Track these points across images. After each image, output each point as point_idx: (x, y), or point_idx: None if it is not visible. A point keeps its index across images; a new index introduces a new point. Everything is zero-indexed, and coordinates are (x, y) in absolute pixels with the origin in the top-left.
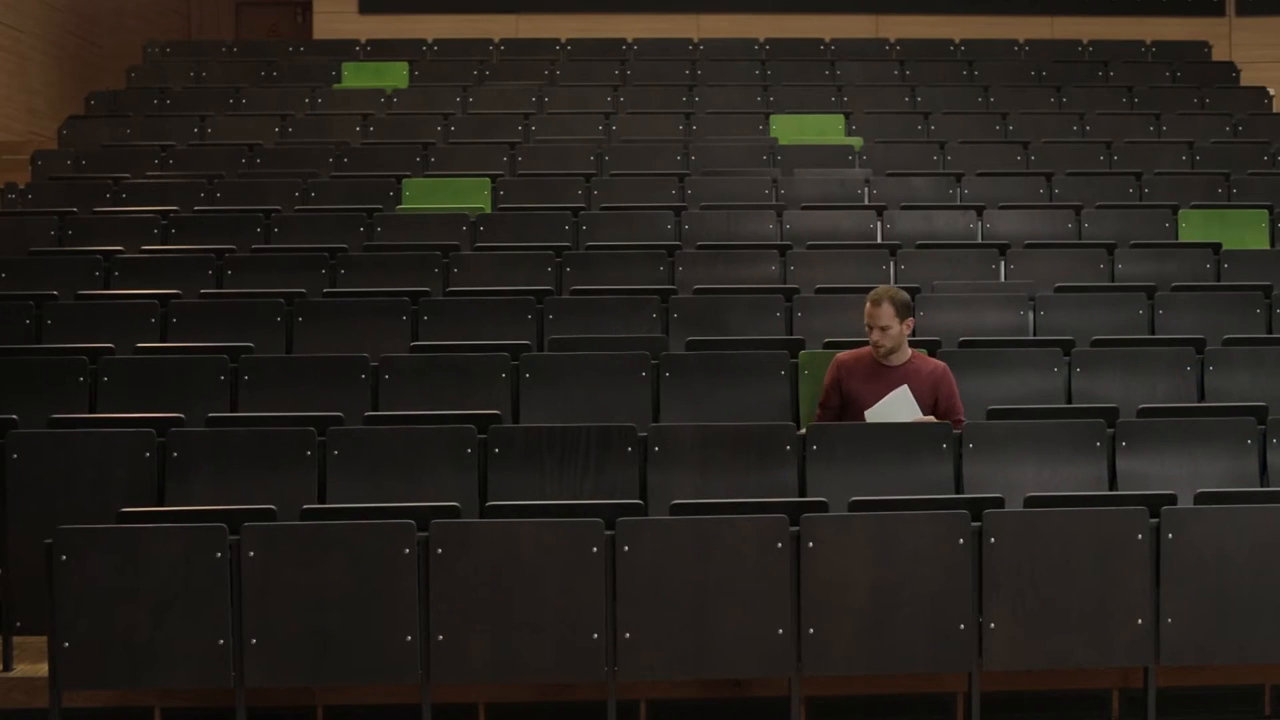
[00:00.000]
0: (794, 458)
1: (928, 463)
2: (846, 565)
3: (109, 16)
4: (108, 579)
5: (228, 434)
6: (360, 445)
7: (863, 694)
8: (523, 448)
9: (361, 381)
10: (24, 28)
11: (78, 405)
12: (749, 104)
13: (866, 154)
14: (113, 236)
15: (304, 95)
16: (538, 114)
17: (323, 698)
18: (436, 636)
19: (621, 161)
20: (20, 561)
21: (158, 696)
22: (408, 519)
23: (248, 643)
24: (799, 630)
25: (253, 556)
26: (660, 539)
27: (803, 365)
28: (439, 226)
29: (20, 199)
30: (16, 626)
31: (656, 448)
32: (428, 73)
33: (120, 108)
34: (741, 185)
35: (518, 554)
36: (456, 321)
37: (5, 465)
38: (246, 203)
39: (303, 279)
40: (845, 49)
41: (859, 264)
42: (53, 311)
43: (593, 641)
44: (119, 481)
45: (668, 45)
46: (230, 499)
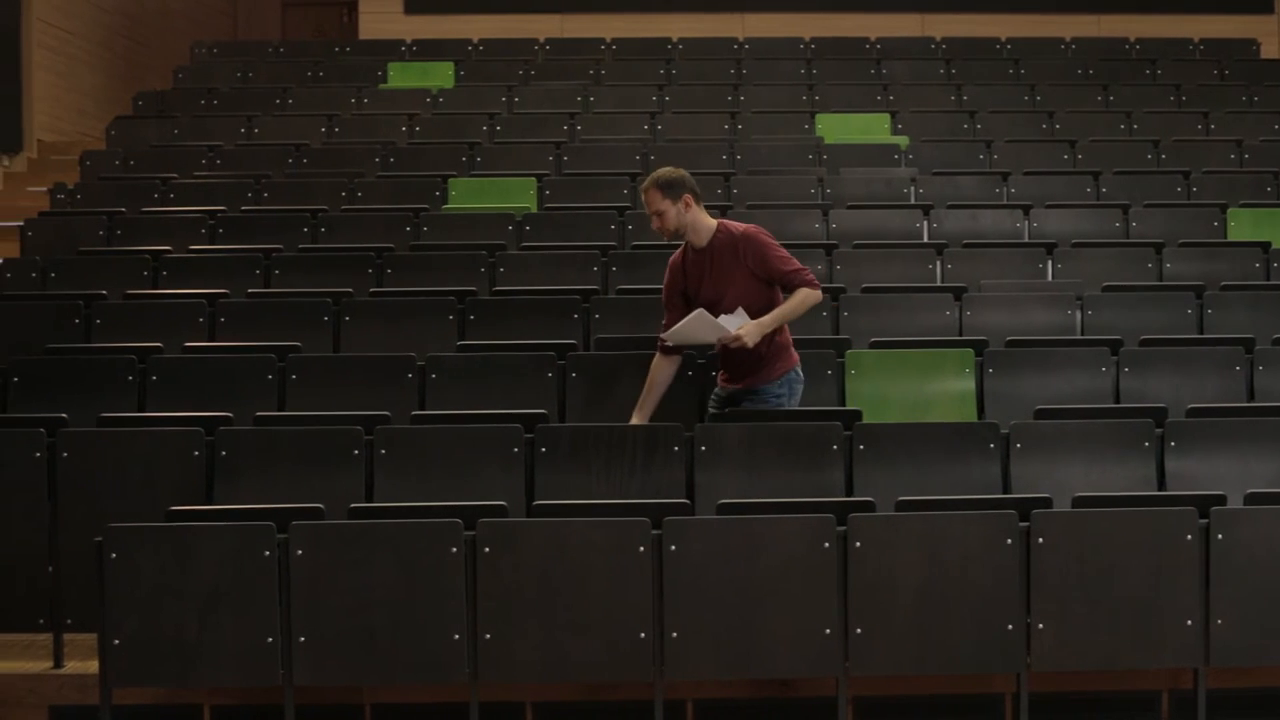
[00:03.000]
0: (841, 457)
1: (975, 462)
2: (894, 565)
3: (156, 18)
4: (157, 577)
5: (275, 433)
6: (407, 444)
7: (910, 694)
8: (569, 447)
9: (408, 381)
10: (73, 29)
11: (127, 404)
12: (794, 103)
13: (913, 153)
14: (161, 236)
15: (350, 95)
16: (583, 113)
17: (370, 696)
18: (483, 635)
19: (667, 161)
20: (70, 559)
21: (206, 694)
22: (455, 518)
23: (296, 641)
24: (846, 630)
25: (301, 555)
26: (707, 538)
27: (849, 365)
28: (485, 226)
29: (69, 199)
30: (67, 624)
31: (703, 447)
32: (473, 72)
33: (168, 108)
34: (787, 184)
35: (565, 553)
36: (503, 321)
37: (56, 464)
38: (293, 203)
39: (349, 279)
40: (891, 47)
41: (905, 263)
42: (102, 311)
43: (640, 641)
44: (168, 480)
45: (713, 44)
46: (278, 498)
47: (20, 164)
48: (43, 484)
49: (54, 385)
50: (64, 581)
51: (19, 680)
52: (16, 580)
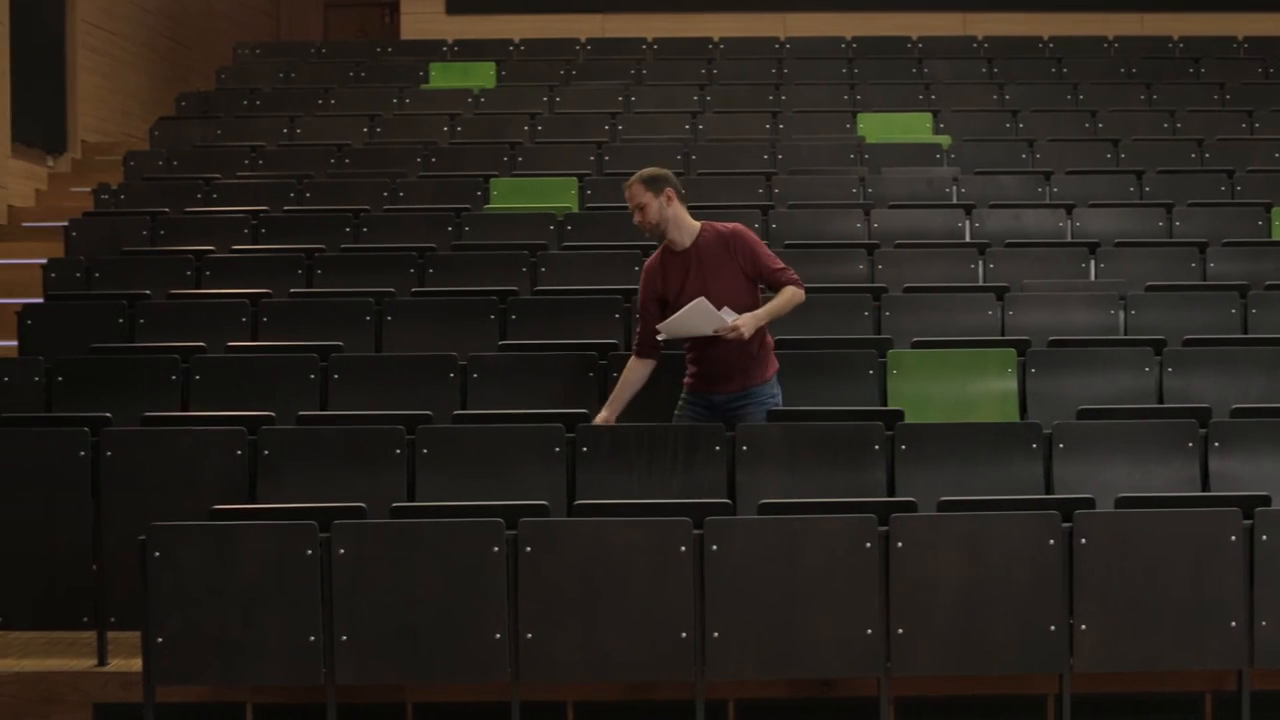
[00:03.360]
0: (883, 457)
1: (1018, 463)
2: (936, 565)
3: (199, 19)
4: (200, 575)
5: (318, 432)
6: (449, 444)
7: (952, 695)
8: (610, 447)
9: (450, 380)
10: (117, 30)
11: (170, 404)
12: (836, 102)
13: (955, 152)
14: (204, 236)
15: (392, 95)
16: (624, 113)
17: (412, 695)
18: (525, 635)
19: (708, 160)
20: (114, 558)
21: (249, 692)
22: (496, 517)
23: (338, 640)
24: (888, 630)
25: (343, 554)
26: (748, 538)
27: (891, 365)
28: (526, 226)
29: (113, 199)
30: (111, 622)
31: (744, 447)
32: (515, 72)
33: (211, 108)
34: (829, 184)
35: (606, 553)
36: (544, 321)
37: (100, 463)
38: (335, 202)
39: (391, 278)
40: (933, 47)
41: (947, 263)
42: (145, 311)
43: (681, 640)
44: (211, 479)
45: (754, 44)
46: (320, 496)
47: (65, 164)
48: (87, 483)
49: (98, 385)
50: (108, 580)
51: (63, 678)
52: (61, 578)
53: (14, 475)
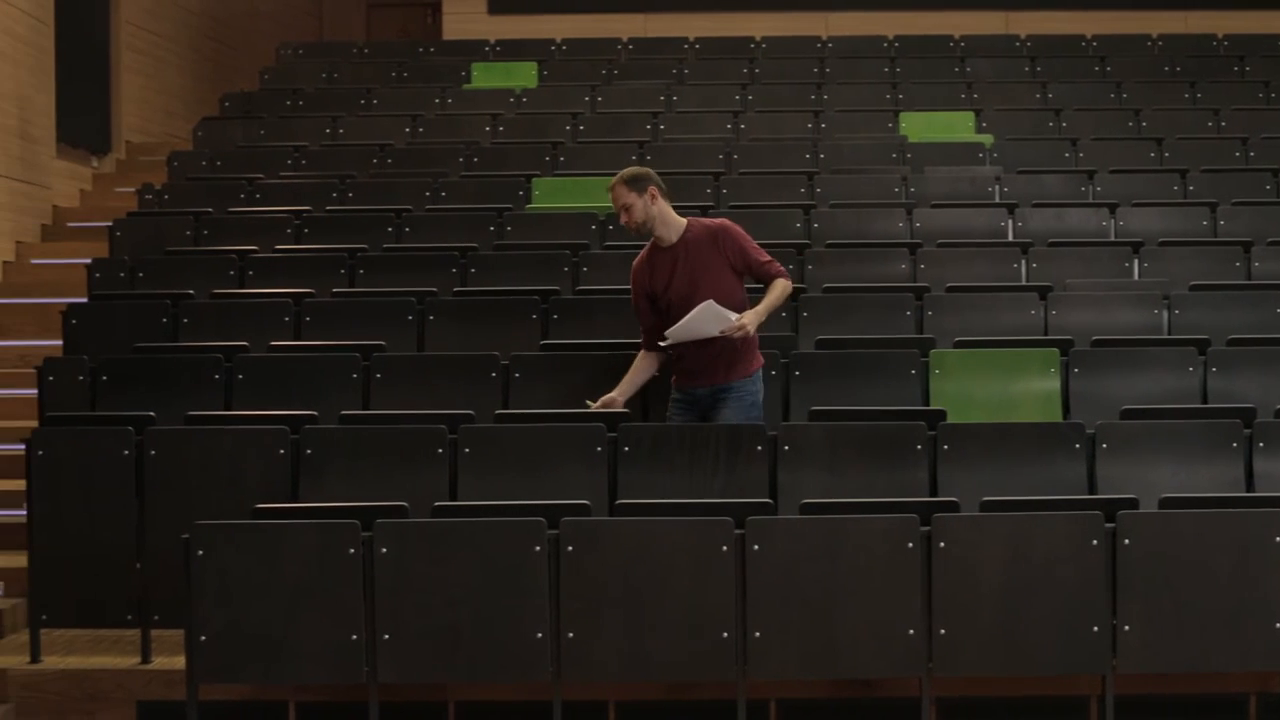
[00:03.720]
0: (925, 457)
1: (1061, 463)
2: (978, 565)
3: (242, 19)
4: (243, 574)
5: (360, 431)
6: (491, 443)
7: (994, 695)
8: (652, 446)
9: (492, 380)
10: (160, 31)
11: (213, 403)
12: (878, 101)
13: (997, 151)
14: (247, 236)
15: (434, 95)
16: (666, 113)
17: (454, 694)
18: (566, 634)
19: (750, 160)
20: (158, 556)
21: (292, 691)
22: (538, 517)
23: (380, 638)
24: (930, 631)
25: (385, 553)
26: (790, 538)
27: (933, 364)
28: (568, 225)
29: (157, 199)
30: (154, 620)
31: (786, 446)
32: (556, 72)
33: (254, 109)
34: (871, 183)
35: (648, 552)
36: (586, 320)
37: (144, 462)
38: (378, 202)
39: (433, 278)
40: (975, 45)
41: (990, 262)
42: (189, 310)
43: (722, 640)
44: (254, 478)
45: (796, 43)
46: (363, 496)
47: (109, 165)
48: (131, 482)
49: (142, 384)
50: (151, 578)
51: (107, 675)
52: (105, 577)
53: (59, 474)
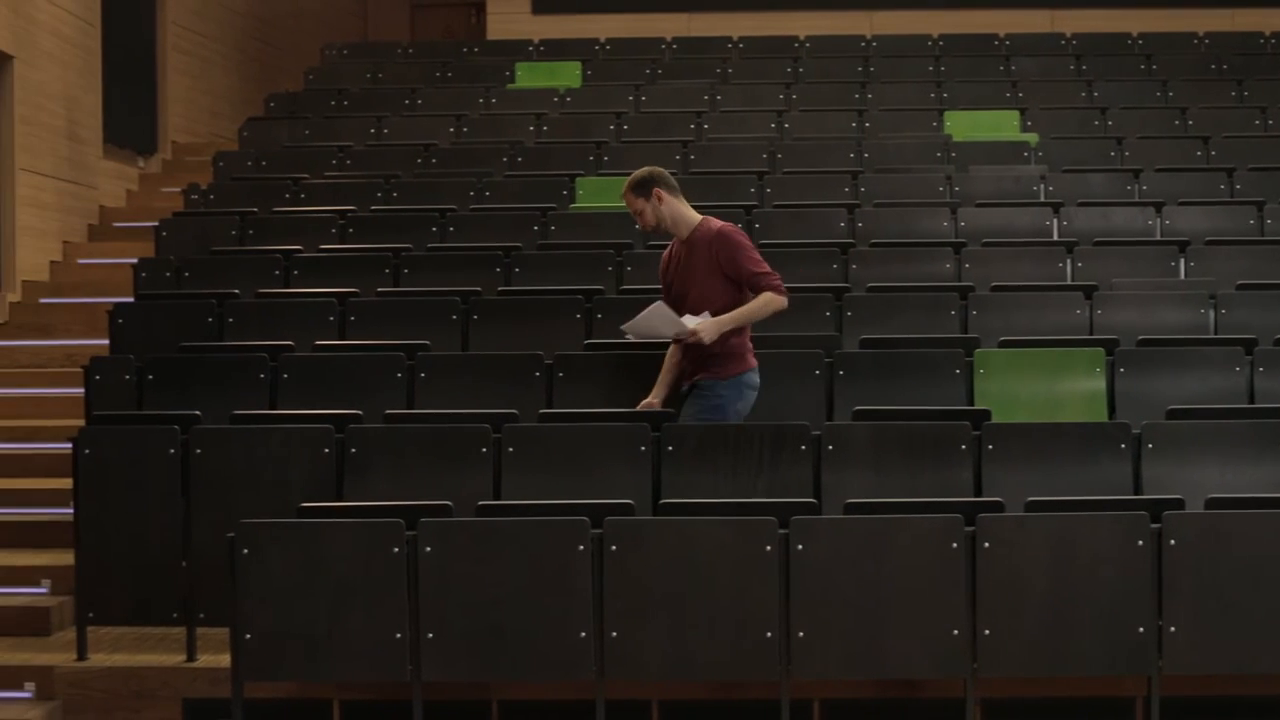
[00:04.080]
0: (969, 457)
1: (1106, 463)
2: (1023, 566)
3: (288, 20)
4: (288, 573)
5: (405, 431)
6: (535, 442)
7: (1039, 696)
8: (696, 446)
9: (536, 379)
10: (206, 32)
11: (258, 402)
12: (922, 100)
13: (1042, 150)
14: (292, 236)
15: (478, 95)
16: (710, 112)
17: (498, 692)
18: (610, 633)
19: (794, 159)
20: (204, 554)
21: (336, 689)
22: (582, 516)
23: (424, 637)
24: (974, 631)
25: (429, 552)
26: (834, 538)
27: (978, 364)
28: (612, 225)
29: (203, 199)
30: (200, 618)
31: (830, 446)
32: (600, 72)
33: (299, 109)
34: (915, 182)
35: (691, 552)
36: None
37: (189, 460)
38: (422, 202)
39: (478, 277)
40: (1020, 44)
41: (1035, 261)
42: (234, 310)
43: (766, 640)
44: (299, 477)
45: (840, 42)
46: (407, 494)
47: (155, 165)
48: (177, 480)
49: (188, 383)
50: (197, 576)
51: (153, 673)
52: (151, 574)
53: (106, 472)
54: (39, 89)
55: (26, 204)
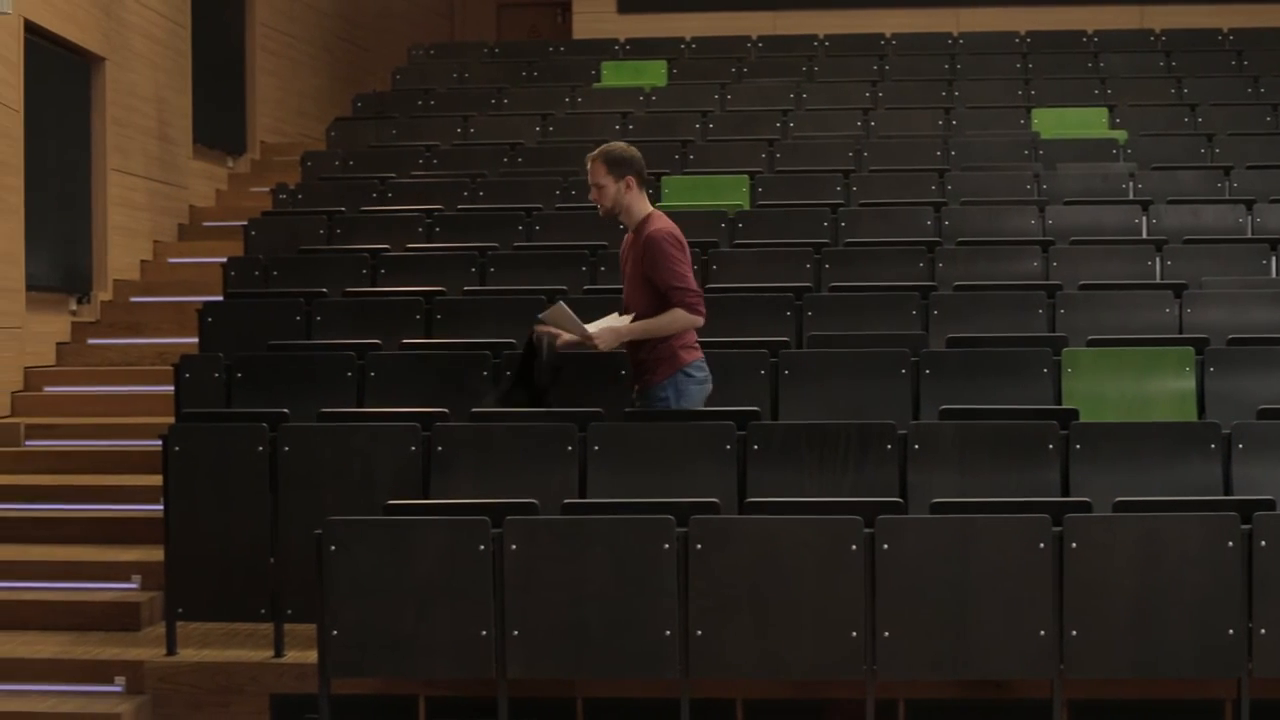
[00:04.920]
0: (1057, 457)
1: (1195, 463)
2: (1111, 567)
3: (374, 20)
4: (375, 570)
5: (490, 429)
6: (620, 441)
7: (1126, 698)
8: (781, 444)
9: (622, 377)
10: (295, 33)
11: (346, 399)
12: (1010, 98)
13: (1131, 147)
14: (379, 235)
15: (564, 94)
16: (796, 110)
17: (582, 690)
18: (695, 632)
19: (880, 157)
20: (291, 551)
21: (422, 685)
22: (667, 514)
23: (509, 634)
24: (1061, 632)
25: (515, 550)
26: (920, 537)
27: (1066, 363)
28: (698, 223)
29: (291, 199)
30: (287, 614)
31: (916, 445)
32: (686, 70)
33: (386, 109)
34: (1002, 181)
35: (777, 551)
36: (716, 318)
37: (277, 458)
38: (508, 201)
39: (563, 275)
40: (1109, 40)
41: (1124, 260)
42: (322, 308)
43: (851, 640)
44: (385, 474)
45: (927, 40)
46: (493, 493)
47: (244, 165)
48: (265, 478)
49: (276, 381)
50: (285, 573)
51: (241, 668)
52: (239, 571)
53: (195, 469)
54: (130, 90)
55: (118, 204)
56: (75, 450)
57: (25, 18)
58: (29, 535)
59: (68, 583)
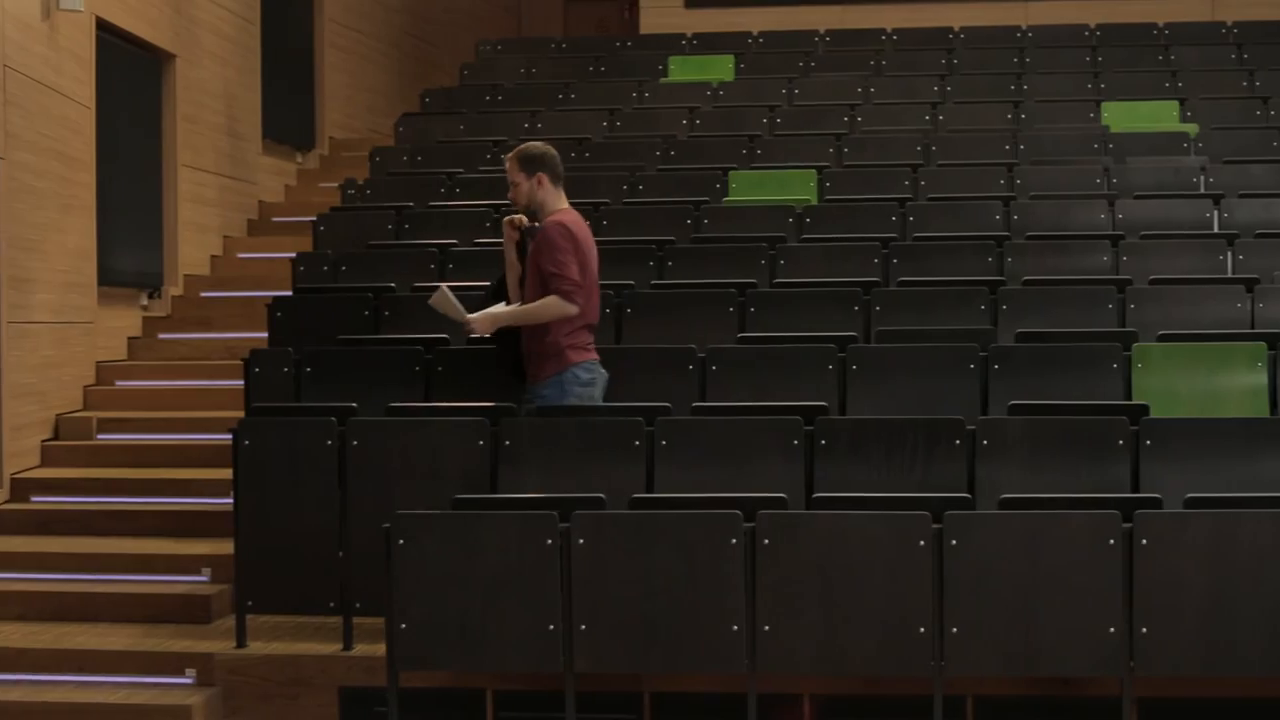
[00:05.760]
0: (1127, 453)
1: (1268, 459)
2: (1182, 564)
3: (442, 16)
4: (443, 564)
5: (558, 423)
6: (688, 435)
7: (1197, 697)
8: (849, 440)
9: (689, 372)
10: (363, 29)
11: (414, 394)
12: (1079, 91)
13: (1202, 141)
14: (447, 230)
15: (631, 89)
16: (864, 104)
17: (649, 684)
18: (762, 627)
19: (949, 152)
20: (359, 545)
21: (489, 679)
22: (734, 509)
23: (577, 629)
24: (1131, 629)
25: (582, 544)
26: (989, 534)
27: (1136, 358)
28: (765, 218)
29: (359, 194)
30: (356, 607)
31: (985, 441)
32: (753, 65)
33: (453, 104)
34: (1072, 175)
35: (844, 546)
36: (783, 313)
37: (346, 452)
38: (575, 196)
39: (631, 271)
40: (1180, 33)
41: (1195, 254)
42: (390, 303)
43: (919, 636)
44: (453, 469)
45: (995, 33)
46: (560, 486)
47: (313, 161)
48: (334, 472)
49: (344, 375)
50: (353, 566)
51: (310, 661)
52: (309, 564)
53: (264, 463)
54: (200, 87)
55: (188, 199)
56: (146, 444)
57: (97, 15)
58: (101, 528)
59: (139, 575)
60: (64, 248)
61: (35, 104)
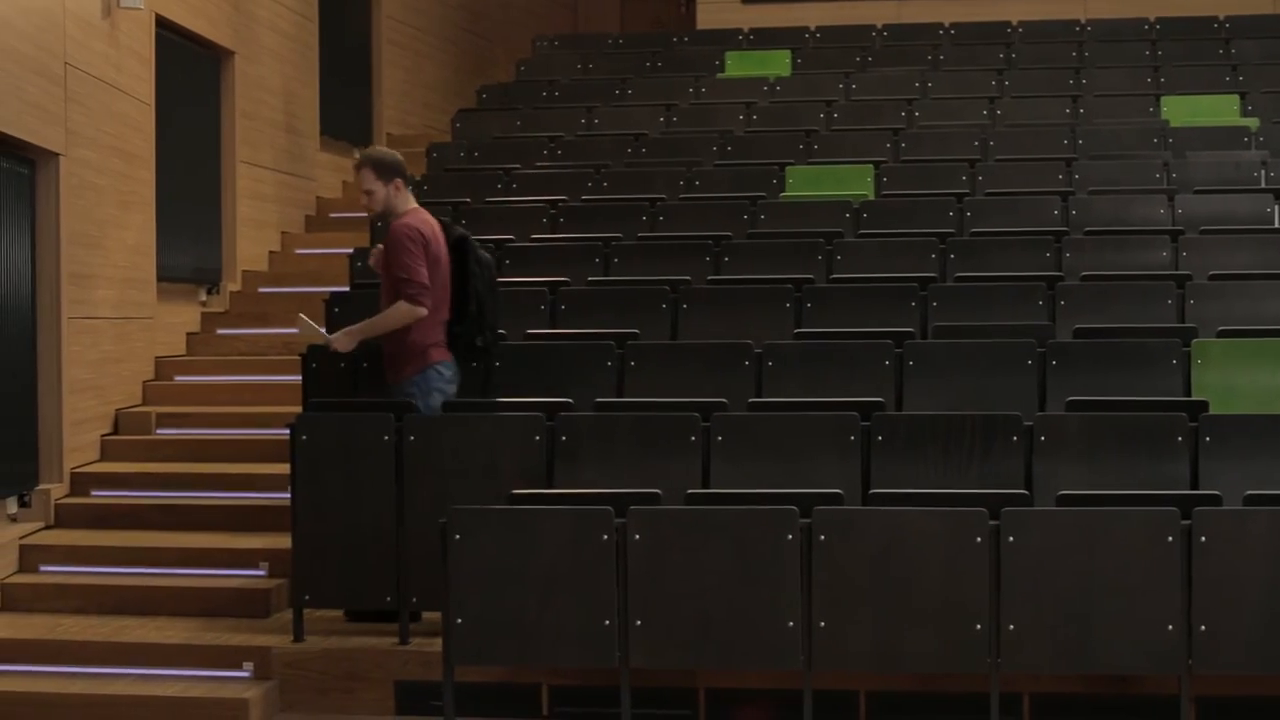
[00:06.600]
0: (1186, 449)
1: None
2: (1241, 562)
3: (498, 12)
4: (499, 559)
5: (614, 418)
6: (744, 431)
7: (1256, 695)
8: (906, 435)
9: (745, 368)
10: (420, 25)
11: (471, 389)
12: (1138, 85)
13: (1263, 135)
14: (503, 225)
15: (688, 85)
16: (921, 99)
17: (704, 680)
18: (818, 623)
19: (1006, 146)
20: (416, 540)
21: (545, 674)
22: (791, 505)
23: (632, 624)
24: (1189, 627)
25: (638, 539)
26: (1046, 530)
27: (1196, 354)
28: (822, 213)
29: (416, 190)
30: (413, 602)
31: (1042, 437)
32: (810, 60)
33: (510, 100)
34: (1131, 169)
35: (900, 542)
36: (839, 308)
37: (403, 447)
38: (632, 191)
39: (687, 266)
40: (1240, 26)
41: (1255, 250)
42: None
43: (975, 633)
44: (510, 464)
45: (1053, 27)
46: (616, 482)
47: None
48: (390, 467)
49: None
50: (410, 561)
51: (367, 655)
52: (366, 559)
53: (322, 458)
54: (259, 84)
55: (247, 196)
56: (205, 439)
57: (156, 13)
58: (160, 522)
59: (197, 569)
60: (124, 244)
61: (96, 101)
